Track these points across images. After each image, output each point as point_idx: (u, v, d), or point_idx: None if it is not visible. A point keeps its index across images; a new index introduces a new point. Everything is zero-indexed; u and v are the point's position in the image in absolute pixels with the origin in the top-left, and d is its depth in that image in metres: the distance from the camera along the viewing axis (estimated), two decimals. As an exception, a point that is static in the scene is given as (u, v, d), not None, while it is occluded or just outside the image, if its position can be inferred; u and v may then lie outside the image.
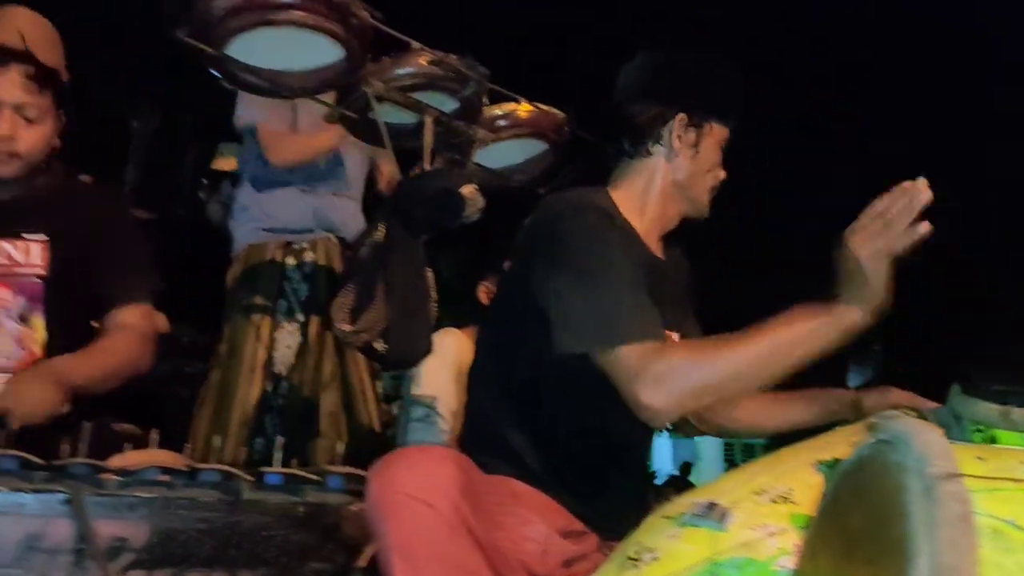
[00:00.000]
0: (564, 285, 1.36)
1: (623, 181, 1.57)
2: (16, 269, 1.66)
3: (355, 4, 1.72)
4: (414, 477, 1.17)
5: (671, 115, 1.54)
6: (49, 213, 1.71)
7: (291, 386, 2.52)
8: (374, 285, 1.82)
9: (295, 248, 2.53)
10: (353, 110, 1.97)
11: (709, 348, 1.35)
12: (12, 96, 1.62)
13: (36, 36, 1.67)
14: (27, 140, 1.65)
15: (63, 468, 1.33)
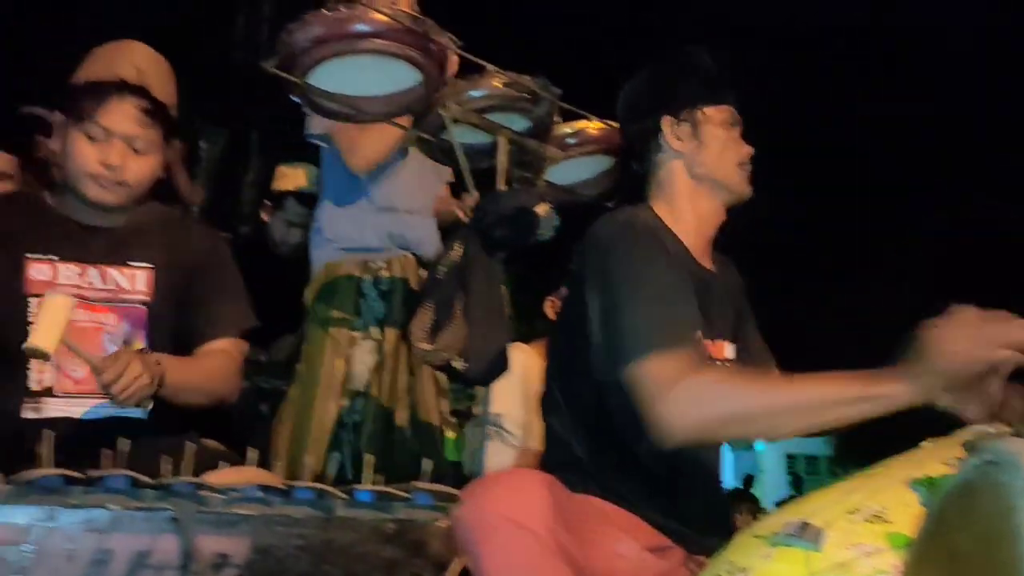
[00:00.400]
0: (605, 309, 1.41)
1: (654, 196, 1.62)
2: (122, 295, 1.72)
3: (433, 30, 1.76)
4: (508, 500, 1.19)
5: (656, 121, 1.58)
6: (154, 242, 1.77)
7: (367, 403, 2.56)
8: (453, 304, 1.86)
9: (372, 266, 2.56)
10: (429, 132, 2.01)
11: (747, 381, 1.35)
12: (124, 128, 1.67)
13: (151, 71, 1.74)
14: (134, 171, 1.70)
15: (169, 487, 1.38)
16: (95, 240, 1.74)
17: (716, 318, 1.56)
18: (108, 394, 1.49)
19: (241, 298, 1.86)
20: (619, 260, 1.43)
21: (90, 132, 1.67)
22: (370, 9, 1.73)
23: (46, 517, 1.29)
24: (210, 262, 1.83)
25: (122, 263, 1.74)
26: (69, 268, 1.70)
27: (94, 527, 1.32)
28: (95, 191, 1.69)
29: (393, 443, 2.58)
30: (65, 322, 1.48)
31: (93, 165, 1.67)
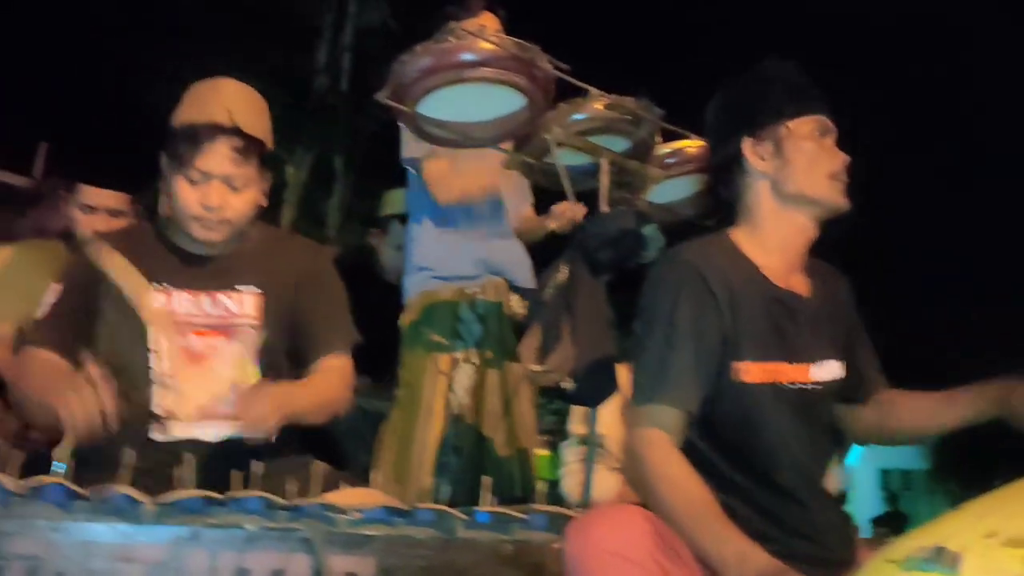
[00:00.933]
0: (632, 345, 1.49)
1: (740, 220, 1.59)
2: (233, 320, 1.77)
3: (539, 56, 1.78)
4: (614, 535, 1.23)
5: (736, 144, 1.55)
6: (259, 265, 1.82)
7: (467, 426, 2.58)
8: (560, 325, 1.87)
9: (467, 292, 2.60)
10: (532, 156, 2.04)
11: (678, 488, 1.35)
12: (221, 169, 1.72)
13: (242, 108, 1.77)
14: (235, 207, 1.75)
15: (300, 508, 1.43)
16: (204, 268, 1.80)
17: (803, 341, 1.52)
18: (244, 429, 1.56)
19: (346, 314, 1.89)
20: (649, 299, 1.48)
21: (190, 176, 1.72)
22: (478, 38, 1.77)
23: (189, 536, 1.35)
24: (314, 278, 1.87)
25: (230, 288, 1.79)
26: (182, 296, 1.77)
27: (232, 546, 1.37)
28: (199, 231, 1.75)
29: (491, 464, 2.60)
30: None
31: (195, 207, 1.73)
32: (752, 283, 1.51)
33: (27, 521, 1.29)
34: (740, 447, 1.47)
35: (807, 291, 1.58)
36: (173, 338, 1.73)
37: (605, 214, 1.95)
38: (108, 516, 1.33)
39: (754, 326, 1.47)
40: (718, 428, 1.46)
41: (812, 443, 1.54)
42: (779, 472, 1.48)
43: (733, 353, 1.45)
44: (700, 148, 2.28)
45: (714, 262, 1.49)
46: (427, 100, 1.80)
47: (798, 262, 1.59)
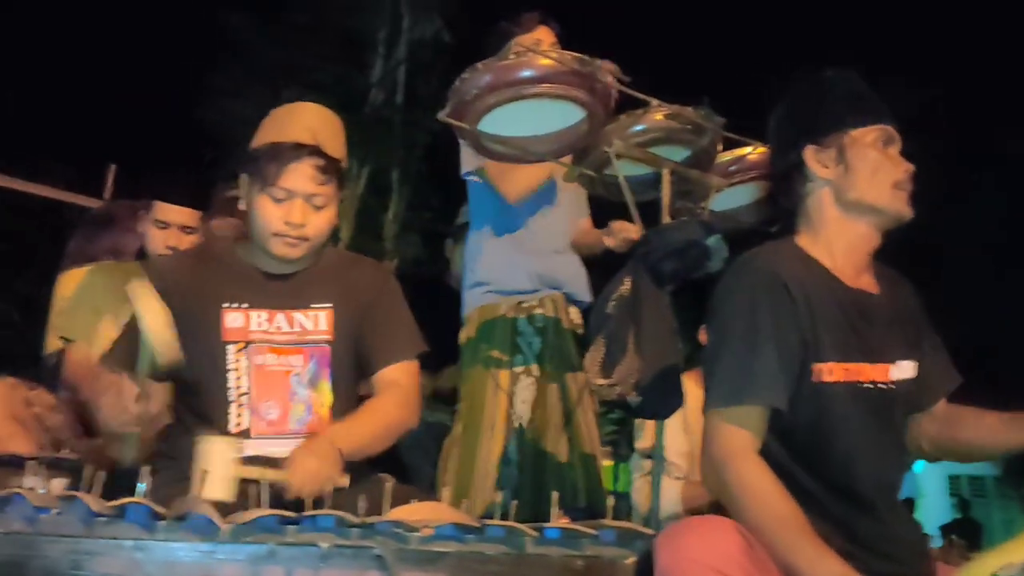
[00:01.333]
0: (707, 351, 1.51)
1: (803, 227, 1.59)
2: (307, 337, 1.81)
3: (599, 70, 1.78)
4: (703, 546, 1.24)
5: (799, 151, 1.55)
6: (331, 284, 1.85)
7: (528, 438, 2.59)
8: (625, 338, 1.86)
9: (525, 306, 2.60)
10: (592, 168, 2.03)
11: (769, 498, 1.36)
12: (304, 188, 1.76)
13: (323, 129, 1.81)
14: (315, 225, 1.79)
15: (372, 525, 1.44)
16: (280, 287, 1.83)
17: (878, 339, 1.52)
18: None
19: (410, 324, 1.91)
20: (725, 306, 1.50)
21: (273, 194, 1.76)
22: (538, 54, 1.77)
23: (266, 555, 1.38)
24: (381, 295, 1.90)
25: (305, 306, 1.82)
26: (259, 315, 1.80)
27: (308, 564, 1.39)
28: (281, 248, 1.78)
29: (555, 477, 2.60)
30: (233, 463, 1.54)
31: (278, 224, 1.76)
32: (826, 285, 1.51)
33: (111, 541, 1.33)
34: (816, 455, 1.46)
35: (877, 291, 1.58)
36: (250, 357, 1.76)
37: (668, 225, 1.93)
38: (188, 535, 1.36)
39: (833, 326, 1.48)
40: (794, 436, 1.46)
41: (887, 449, 1.53)
42: (855, 481, 1.47)
43: (813, 355, 1.45)
44: (761, 155, 2.26)
45: (788, 266, 1.50)
46: (488, 117, 1.81)
47: (865, 265, 1.59)
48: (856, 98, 1.57)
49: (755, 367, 1.42)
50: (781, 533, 1.31)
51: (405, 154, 9.11)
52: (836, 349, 1.47)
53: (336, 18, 9.15)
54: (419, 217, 9.17)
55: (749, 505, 1.35)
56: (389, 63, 9.28)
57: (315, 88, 8.75)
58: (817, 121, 1.56)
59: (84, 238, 3.31)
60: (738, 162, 2.24)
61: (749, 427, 1.41)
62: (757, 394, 1.41)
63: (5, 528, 1.29)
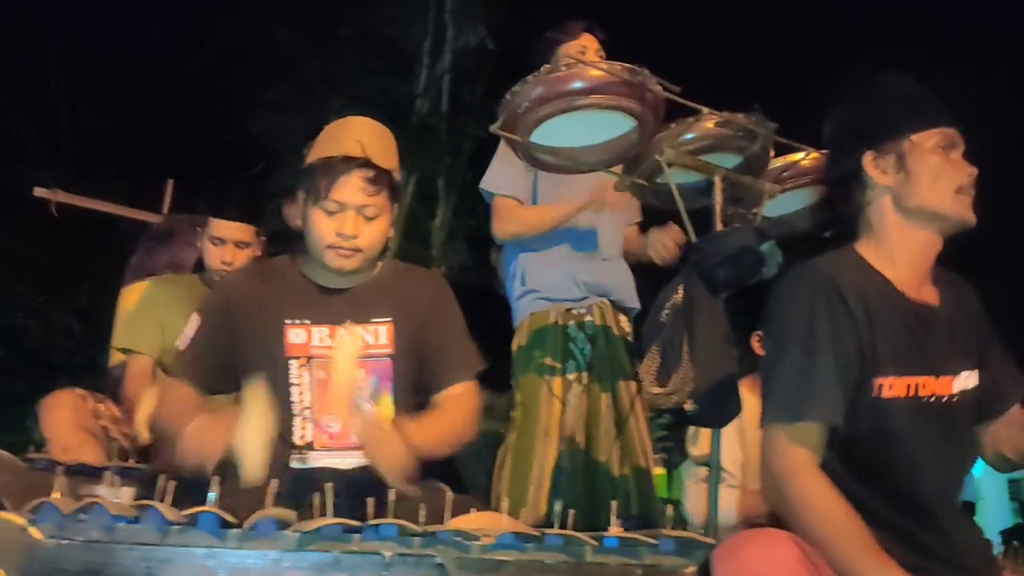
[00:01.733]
0: (764, 362, 1.49)
1: (863, 235, 1.57)
2: (369, 350, 1.84)
3: (649, 80, 1.79)
4: (765, 559, 1.23)
5: (857, 158, 1.53)
6: (390, 298, 1.88)
7: (580, 446, 2.59)
8: (680, 347, 1.86)
9: (575, 313, 2.61)
10: (642, 177, 2.04)
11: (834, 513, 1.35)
12: (355, 199, 1.79)
13: (372, 141, 1.85)
14: (368, 236, 1.82)
15: (434, 534, 1.47)
16: (340, 302, 1.87)
17: (940, 352, 1.49)
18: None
19: (470, 342, 1.94)
20: (782, 316, 1.47)
21: (326, 207, 1.80)
22: (587, 66, 1.79)
23: (331, 562, 1.41)
24: (440, 309, 1.92)
25: (366, 321, 1.86)
26: (320, 330, 1.83)
27: (371, 571, 1.42)
28: (335, 260, 1.82)
29: (608, 485, 2.60)
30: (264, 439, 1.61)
31: (331, 237, 1.80)
32: (886, 296, 1.49)
33: (184, 549, 1.37)
34: (877, 467, 1.45)
35: (939, 301, 1.55)
36: (312, 372, 1.80)
37: (722, 232, 1.93)
38: (257, 543, 1.40)
39: (893, 340, 1.45)
40: (854, 448, 1.44)
41: (950, 460, 1.50)
42: (916, 492, 1.44)
43: (872, 368, 1.43)
44: (814, 160, 2.24)
45: (847, 276, 1.48)
46: (539, 129, 1.83)
47: (926, 274, 1.56)
48: (914, 102, 1.54)
49: (813, 383, 1.40)
50: (844, 546, 1.30)
51: (451, 162, 9.17)
52: (896, 363, 1.45)
53: (381, 29, 9.25)
54: (465, 224, 9.22)
55: (810, 519, 1.34)
56: (434, 72, 9.36)
57: (361, 99, 8.85)
58: (875, 127, 1.54)
59: (145, 252, 3.43)
60: (791, 167, 2.23)
61: (808, 444, 1.40)
62: (815, 411, 1.40)
63: (84, 536, 1.34)
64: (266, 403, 1.67)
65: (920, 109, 1.53)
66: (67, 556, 1.32)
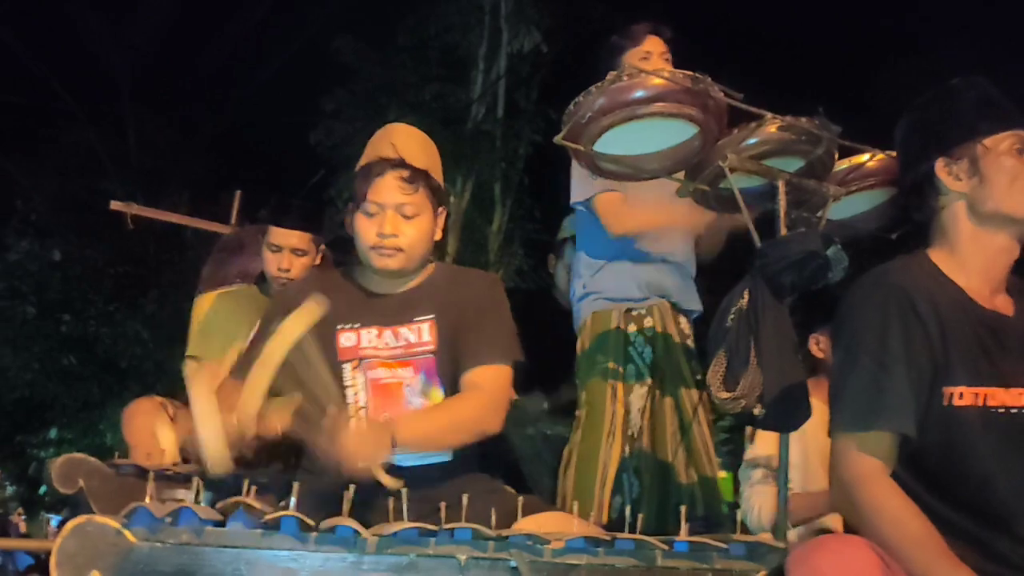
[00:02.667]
0: (834, 369, 1.48)
1: (936, 241, 1.55)
2: (413, 349, 1.88)
3: (712, 87, 1.80)
4: (838, 565, 1.24)
5: (929, 165, 1.51)
6: (435, 298, 1.92)
7: (643, 448, 2.61)
8: (746, 352, 1.87)
9: (635, 315, 2.63)
10: (705, 182, 2.05)
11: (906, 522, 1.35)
12: (391, 199, 1.85)
13: (406, 142, 1.90)
14: (408, 235, 1.87)
15: (507, 538, 1.50)
16: (386, 304, 1.92)
17: (1012, 363, 1.47)
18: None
19: (506, 331, 1.92)
20: (853, 322, 1.46)
21: (366, 210, 1.86)
22: (649, 74, 1.81)
23: (407, 565, 1.45)
24: (482, 301, 1.93)
25: (409, 321, 1.90)
26: (369, 332, 1.89)
27: (446, 575, 1.46)
28: (378, 260, 1.87)
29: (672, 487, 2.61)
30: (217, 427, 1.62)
31: (372, 238, 1.86)
32: (959, 306, 1.47)
33: (269, 551, 1.43)
34: (948, 478, 1.44)
35: (1012, 311, 1.53)
36: (365, 373, 1.86)
37: (787, 236, 1.93)
38: (337, 547, 1.45)
39: (964, 351, 1.44)
40: (925, 458, 1.43)
41: (1022, 471, 1.46)
42: (989, 502, 1.43)
43: (944, 379, 1.42)
44: (880, 162, 2.22)
45: (920, 284, 1.47)
46: (602, 138, 1.85)
47: (1000, 282, 1.54)
48: (987, 105, 1.52)
49: (884, 391, 1.40)
50: (917, 552, 1.30)
51: (507, 167, 9.23)
52: (967, 373, 1.44)
53: (438, 37, 9.37)
54: (522, 228, 9.27)
55: (883, 526, 1.34)
56: (489, 78, 9.43)
57: (418, 106, 8.97)
58: (947, 131, 1.52)
59: (217, 263, 3.53)
60: (855, 170, 2.21)
61: (879, 453, 1.40)
62: (887, 420, 1.40)
63: (175, 539, 1.41)
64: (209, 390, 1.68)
65: (992, 112, 1.51)
66: (160, 558, 1.39)
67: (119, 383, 11.58)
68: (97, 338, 11.70)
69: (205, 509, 1.45)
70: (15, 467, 13.96)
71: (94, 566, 1.36)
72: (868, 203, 2.33)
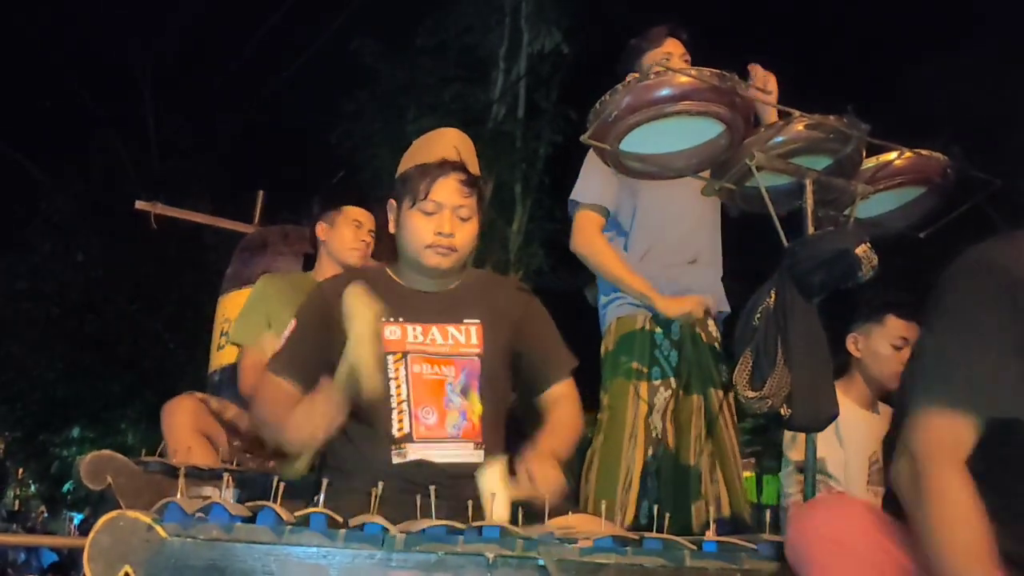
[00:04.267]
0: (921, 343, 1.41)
1: None
2: (460, 349, 1.91)
3: (739, 84, 1.79)
4: (833, 522, 1.25)
5: None
6: (479, 302, 1.96)
7: (667, 449, 2.59)
8: (773, 351, 1.85)
9: (660, 318, 2.62)
10: (731, 181, 2.04)
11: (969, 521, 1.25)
12: (452, 200, 1.88)
13: (464, 148, 1.96)
14: (462, 236, 1.91)
15: (534, 537, 1.50)
16: (432, 304, 1.95)
17: None
18: None
19: (562, 343, 2.02)
20: (950, 299, 1.38)
21: (424, 208, 1.88)
22: (676, 73, 1.80)
23: (435, 563, 1.45)
24: (529, 317, 2.00)
25: (457, 321, 1.93)
26: (415, 328, 1.91)
27: (475, 572, 1.46)
28: (433, 259, 1.90)
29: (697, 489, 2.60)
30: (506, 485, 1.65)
31: (430, 236, 1.88)
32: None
33: (298, 548, 1.44)
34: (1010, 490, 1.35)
35: None
36: (408, 366, 1.87)
37: (815, 235, 1.91)
38: (365, 544, 1.45)
39: None
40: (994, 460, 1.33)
41: None
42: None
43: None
44: (908, 160, 2.20)
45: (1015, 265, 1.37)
46: (629, 137, 1.85)
47: None
48: None
49: (969, 370, 1.31)
50: (963, 560, 1.23)
51: (527, 167, 9.23)
52: None
53: (458, 38, 9.38)
54: (542, 229, 9.26)
55: (938, 519, 1.26)
56: (509, 78, 9.44)
57: (438, 107, 8.99)
58: None
59: (241, 263, 3.56)
60: (883, 168, 2.19)
61: (959, 433, 1.31)
62: (967, 398, 1.31)
63: (206, 535, 1.41)
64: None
65: None
66: (191, 553, 1.40)
67: (141, 383, 11.69)
68: (119, 338, 11.82)
69: (235, 505, 1.45)
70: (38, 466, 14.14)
71: (126, 561, 1.37)
72: (896, 201, 2.31)
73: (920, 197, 2.28)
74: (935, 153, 2.18)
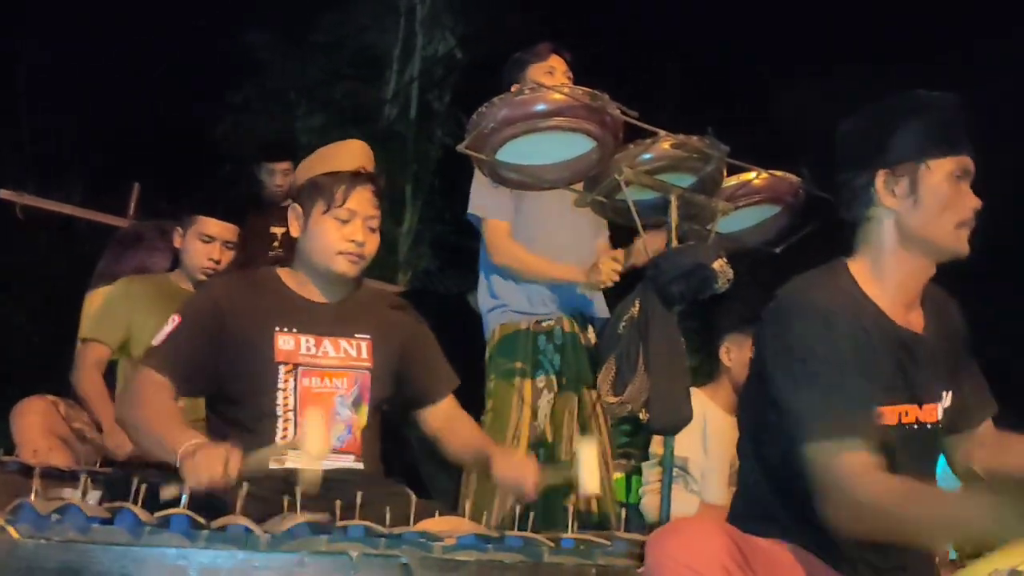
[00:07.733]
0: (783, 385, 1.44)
1: (858, 250, 1.55)
2: (351, 362, 1.93)
3: (609, 104, 1.88)
4: (688, 549, 1.27)
5: (870, 174, 1.49)
6: (370, 317, 1.99)
7: (546, 451, 2.67)
8: (635, 358, 1.95)
9: (544, 325, 2.69)
10: (602, 194, 2.13)
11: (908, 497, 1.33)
12: (365, 209, 1.90)
13: (371, 162, 2.00)
14: (371, 246, 1.94)
15: (399, 536, 1.54)
16: (325, 315, 1.95)
17: (924, 380, 1.51)
18: None
19: (446, 362, 2.10)
20: (797, 336, 1.44)
21: (339, 216, 1.89)
22: (550, 90, 1.88)
23: (299, 563, 1.47)
24: (418, 333, 2.06)
25: (349, 335, 1.95)
26: (308, 339, 1.91)
27: (339, 572, 1.48)
28: (343, 265, 1.91)
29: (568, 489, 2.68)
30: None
31: (342, 243, 1.89)
32: (877, 325, 1.48)
33: (157, 550, 1.43)
34: None
35: (923, 326, 1.55)
36: (298, 378, 1.87)
37: (678, 248, 2.03)
38: (228, 545, 1.45)
39: (883, 369, 1.46)
40: None
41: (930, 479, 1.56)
42: None
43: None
44: (765, 180, 2.35)
45: (840, 303, 1.46)
46: (504, 148, 1.91)
47: (915, 297, 1.55)
48: (942, 126, 1.48)
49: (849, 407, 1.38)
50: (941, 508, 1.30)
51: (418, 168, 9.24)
52: (886, 392, 1.45)
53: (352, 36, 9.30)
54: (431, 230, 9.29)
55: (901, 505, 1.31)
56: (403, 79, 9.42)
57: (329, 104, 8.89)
58: (896, 146, 1.48)
59: (113, 257, 3.44)
60: (743, 187, 2.33)
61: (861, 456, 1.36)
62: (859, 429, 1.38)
63: (61, 536, 1.39)
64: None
65: (944, 134, 1.48)
66: (45, 556, 1.37)
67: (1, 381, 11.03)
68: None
69: (92, 507, 1.43)
70: None
71: (-25, 563, 1.33)
72: (754, 218, 2.46)
73: (776, 215, 2.44)
74: (788, 174, 2.34)
